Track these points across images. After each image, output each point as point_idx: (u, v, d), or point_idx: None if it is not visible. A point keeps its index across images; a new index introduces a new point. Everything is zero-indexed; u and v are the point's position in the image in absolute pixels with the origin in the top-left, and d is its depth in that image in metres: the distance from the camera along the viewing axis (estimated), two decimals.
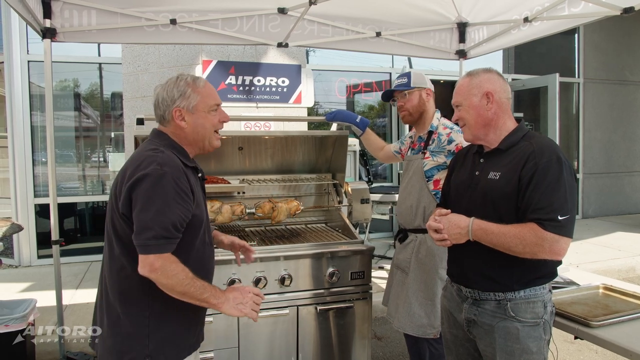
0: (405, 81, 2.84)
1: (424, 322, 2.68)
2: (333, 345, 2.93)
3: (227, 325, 2.69)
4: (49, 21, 3.37)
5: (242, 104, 5.66)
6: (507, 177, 1.86)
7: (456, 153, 2.36)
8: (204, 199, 1.96)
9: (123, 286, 1.76)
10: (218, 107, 1.90)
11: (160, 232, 1.62)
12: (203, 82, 1.87)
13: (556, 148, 1.84)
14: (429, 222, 1.98)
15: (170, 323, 1.78)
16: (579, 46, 9.22)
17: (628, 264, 6.17)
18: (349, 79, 8.01)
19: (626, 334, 2.07)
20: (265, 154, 3.44)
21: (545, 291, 1.92)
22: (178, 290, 1.67)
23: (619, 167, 9.47)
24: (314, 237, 3.24)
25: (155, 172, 1.65)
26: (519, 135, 1.95)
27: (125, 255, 1.73)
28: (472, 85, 1.99)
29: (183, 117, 1.82)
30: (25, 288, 5.22)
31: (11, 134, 6.11)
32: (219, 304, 1.75)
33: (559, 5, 3.50)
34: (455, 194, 2.13)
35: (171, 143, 1.83)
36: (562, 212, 1.74)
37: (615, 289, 2.62)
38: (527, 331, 1.86)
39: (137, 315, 1.74)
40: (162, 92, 1.84)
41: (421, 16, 4.21)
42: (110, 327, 1.78)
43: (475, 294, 1.98)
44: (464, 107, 2.00)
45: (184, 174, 1.73)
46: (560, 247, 1.75)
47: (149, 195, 1.63)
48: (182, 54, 5.68)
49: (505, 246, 1.79)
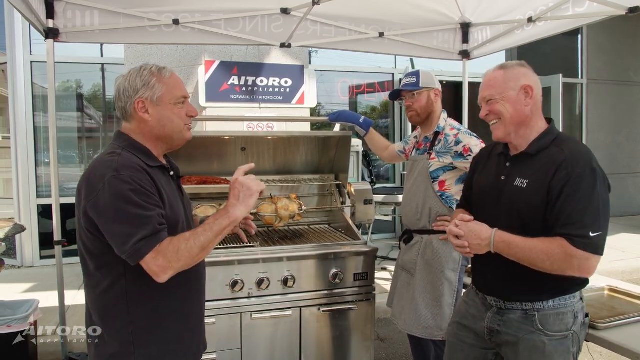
0: (414, 81, 2.79)
1: (430, 324, 2.66)
2: (336, 346, 2.92)
3: (229, 327, 2.68)
4: (51, 21, 3.37)
5: (245, 105, 5.65)
6: (535, 187, 1.75)
7: (479, 151, 2.26)
8: (182, 197, 1.83)
9: (101, 303, 1.64)
10: (185, 99, 1.74)
11: (145, 231, 1.50)
12: (169, 73, 1.71)
13: (590, 157, 1.72)
14: (450, 227, 1.86)
15: (159, 335, 1.65)
16: (582, 47, 9.19)
17: (632, 266, 6.15)
18: (351, 79, 8.00)
19: (632, 336, 2.06)
20: (268, 154, 3.43)
21: (576, 300, 1.83)
22: (197, 253, 1.54)
23: (622, 168, 9.43)
24: (317, 238, 3.22)
25: (112, 180, 1.51)
26: (549, 139, 1.82)
27: (100, 270, 1.61)
28: (508, 77, 1.84)
29: (147, 109, 1.66)
30: (27, 289, 5.23)
31: (14, 134, 6.12)
32: (232, 216, 1.60)
33: (564, 5, 3.47)
34: (478, 199, 2.03)
35: (131, 143, 1.68)
36: (594, 229, 1.63)
37: (620, 290, 2.60)
38: (554, 345, 1.77)
39: (120, 332, 1.61)
40: (124, 83, 1.68)
41: (424, 16, 4.20)
42: (97, 347, 1.66)
43: (500, 303, 1.89)
44: (499, 101, 1.84)
45: (145, 173, 1.59)
46: (590, 265, 1.65)
47: (114, 206, 1.50)
48: (185, 54, 5.68)
49: (530, 262, 1.70)
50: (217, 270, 2.59)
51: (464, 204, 2.19)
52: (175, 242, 1.53)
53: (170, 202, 1.66)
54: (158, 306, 1.65)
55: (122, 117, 1.73)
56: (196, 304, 1.82)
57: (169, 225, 1.60)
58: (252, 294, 2.70)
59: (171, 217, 1.64)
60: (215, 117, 4.81)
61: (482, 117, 1.93)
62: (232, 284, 2.64)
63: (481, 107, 1.94)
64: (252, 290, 2.70)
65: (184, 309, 1.74)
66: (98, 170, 1.56)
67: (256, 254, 2.74)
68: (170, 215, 1.64)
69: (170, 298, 1.67)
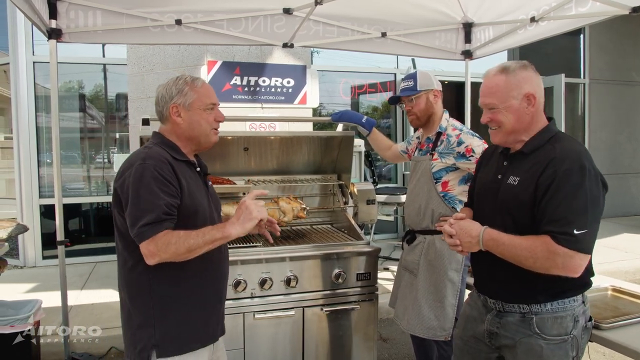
0: (411, 85, 2.77)
1: (433, 324, 2.66)
2: (339, 346, 2.92)
3: (232, 326, 2.67)
4: (54, 22, 3.38)
5: (247, 105, 5.66)
6: (525, 184, 1.74)
7: (485, 149, 2.24)
8: (208, 192, 2.00)
9: (127, 279, 1.85)
10: (215, 106, 1.96)
11: (150, 217, 1.68)
12: (201, 82, 1.96)
13: (581, 155, 1.69)
14: (444, 226, 1.88)
15: (176, 313, 1.83)
16: (584, 47, 9.18)
17: (635, 266, 6.14)
18: (353, 79, 8.00)
19: (636, 336, 2.05)
20: (270, 154, 3.43)
21: (577, 304, 1.79)
22: (183, 252, 1.69)
23: (624, 168, 9.42)
24: (320, 238, 3.23)
25: (138, 166, 1.74)
26: (545, 138, 1.80)
27: (126, 248, 1.82)
28: (510, 85, 1.79)
29: (179, 113, 1.90)
30: (30, 289, 5.23)
31: (16, 134, 6.13)
32: (226, 232, 1.75)
33: (566, 5, 3.47)
34: (478, 197, 2.03)
35: (163, 140, 1.91)
36: (578, 226, 1.60)
37: (624, 290, 2.60)
38: (551, 349, 1.75)
39: (143, 306, 1.81)
40: (162, 90, 1.93)
41: (427, 16, 4.20)
42: (125, 321, 1.88)
43: (498, 305, 1.88)
44: (501, 111, 1.80)
45: (169, 165, 1.79)
46: (575, 263, 1.61)
47: (134, 189, 1.71)
48: (187, 54, 5.68)
49: (516, 259, 1.69)
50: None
51: (469, 203, 2.18)
52: (169, 236, 1.69)
53: (190, 191, 1.84)
54: (178, 286, 1.83)
55: (159, 119, 1.98)
56: (216, 288, 1.97)
57: (188, 213, 1.80)
58: (255, 294, 2.71)
59: (190, 205, 1.82)
60: None
61: (484, 123, 1.91)
62: (235, 284, 2.64)
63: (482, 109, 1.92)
64: (254, 290, 2.70)
65: (203, 292, 1.90)
66: (131, 159, 1.81)
67: (259, 254, 2.74)
68: (190, 203, 1.82)
69: (190, 280, 1.85)
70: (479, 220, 1.85)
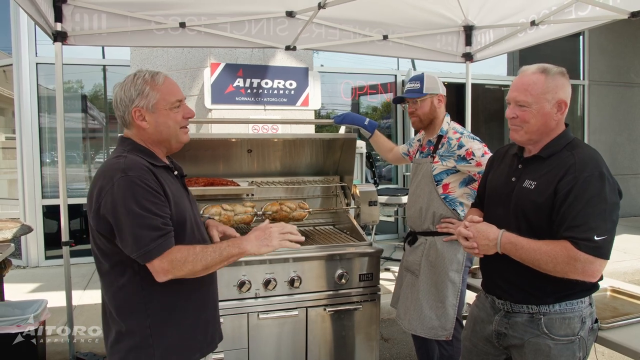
0: (418, 87, 2.78)
1: (435, 325, 2.69)
2: (341, 346, 2.95)
3: (237, 327, 2.71)
4: (60, 25, 3.40)
5: (250, 107, 5.69)
6: (542, 188, 1.76)
7: (496, 150, 2.23)
8: (188, 196, 1.88)
9: (118, 301, 1.70)
10: (181, 102, 1.78)
11: (154, 234, 1.57)
12: (162, 78, 1.76)
13: (600, 162, 1.72)
14: (459, 229, 1.88)
15: (175, 327, 1.73)
16: (584, 48, 9.21)
17: (634, 266, 6.17)
18: (354, 81, 8.02)
19: (635, 336, 2.09)
20: (273, 156, 3.46)
21: (584, 305, 1.82)
22: (199, 270, 1.63)
23: (624, 169, 9.45)
24: (322, 239, 3.26)
25: (120, 180, 1.58)
26: (562, 144, 1.81)
27: (114, 268, 1.68)
28: (548, 87, 1.77)
29: (143, 117, 1.72)
30: (33, 289, 5.26)
31: (19, 135, 6.16)
32: (243, 248, 1.71)
33: (566, 9, 3.51)
34: (489, 199, 2.04)
35: (135, 146, 1.75)
36: (599, 232, 1.62)
37: (623, 291, 2.63)
38: (559, 349, 1.78)
39: (139, 327, 1.69)
40: (120, 92, 1.73)
41: (428, 19, 4.23)
42: (116, 342, 1.73)
43: (507, 305, 1.90)
44: (532, 111, 1.79)
45: (151, 173, 1.65)
46: (595, 269, 1.63)
47: (123, 205, 1.56)
48: (191, 56, 5.71)
49: (535, 263, 1.70)
50: (225, 271, 2.61)
51: (477, 203, 2.20)
52: (184, 251, 1.61)
53: (175, 200, 1.72)
54: (173, 299, 1.73)
55: (122, 124, 1.80)
56: (210, 295, 1.89)
57: (176, 224, 1.67)
58: (259, 294, 2.74)
59: (177, 215, 1.70)
60: (221, 120, 4.85)
61: (508, 117, 1.87)
62: (239, 285, 2.67)
63: (508, 104, 1.88)
64: (259, 291, 2.73)
65: (198, 301, 1.81)
66: (107, 173, 1.63)
67: (263, 255, 2.76)
68: (176, 213, 1.70)
69: (184, 291, 1.75)
70: (490, 222, 1.86)
